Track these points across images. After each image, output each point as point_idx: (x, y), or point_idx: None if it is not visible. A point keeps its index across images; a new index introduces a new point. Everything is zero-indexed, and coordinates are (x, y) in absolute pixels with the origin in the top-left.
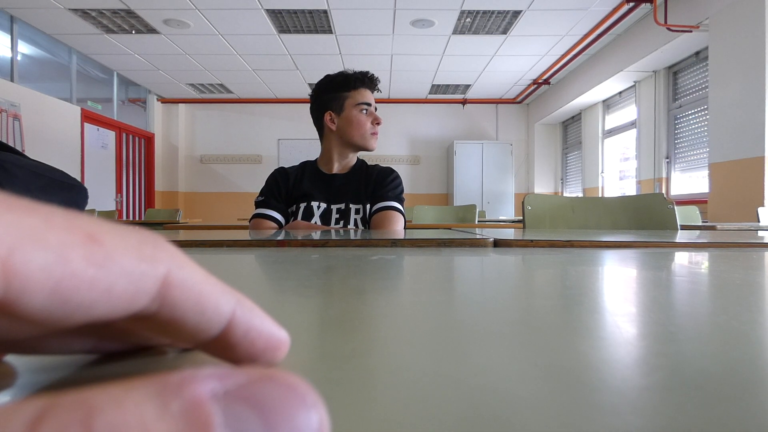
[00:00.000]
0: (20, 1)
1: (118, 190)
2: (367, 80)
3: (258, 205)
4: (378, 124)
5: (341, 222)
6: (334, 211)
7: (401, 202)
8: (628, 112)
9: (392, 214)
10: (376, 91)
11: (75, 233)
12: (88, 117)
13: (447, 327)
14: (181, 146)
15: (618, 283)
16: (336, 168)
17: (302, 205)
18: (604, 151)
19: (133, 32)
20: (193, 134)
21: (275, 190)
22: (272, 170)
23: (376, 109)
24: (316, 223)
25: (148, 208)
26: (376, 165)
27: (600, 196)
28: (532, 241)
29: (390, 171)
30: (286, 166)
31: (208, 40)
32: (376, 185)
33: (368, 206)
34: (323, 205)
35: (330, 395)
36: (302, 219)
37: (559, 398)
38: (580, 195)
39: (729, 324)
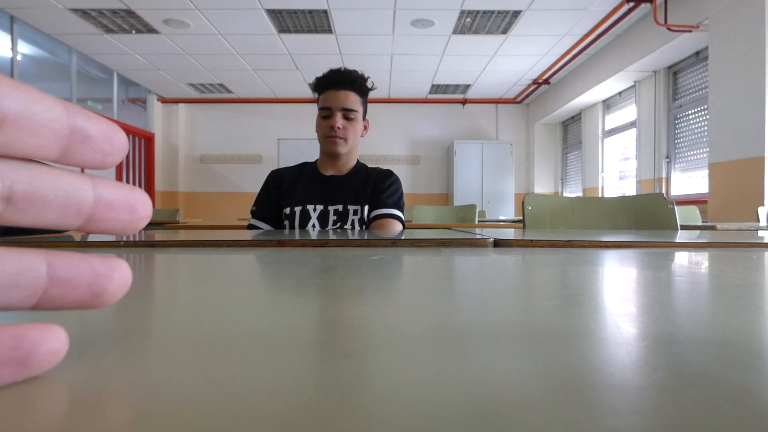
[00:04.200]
0: (20, 1)
1: None
2: (332, 82)
3: (252, 215)
4: (332, 128)
5: (338, 223)
6: (331, 213)
7: (401, 208)
8: (628, 112)
9: (392, 222)
10: (348, 90)
11: None
12: None
13: (447, 327)
14: (181, 146)
15: (618, 283)
16: (331, 170)
17: (297, 210)
18: (604, 151)
19: (133, 32)
20: (193, 134)
21: (265, 199)
22: (271, 170)
23: (347, 110)
24: (313, 225)
25: None
26: (376, 167)
27: (600, 196)
28: (532, 241)
29: (389, 174)
30: (282, 167)
31: (208, 40)
32: (374, 188)
33: (366, 208)
34: (320, 207)
35: (330, 395)
36: (299, 222)
37: (560, 398)
38: (580, 195)
39: (729, 324)
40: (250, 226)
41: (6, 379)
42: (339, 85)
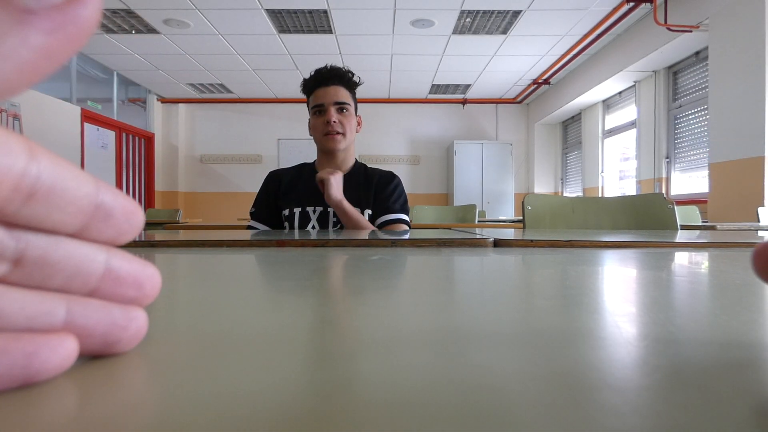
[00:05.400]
0: None
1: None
2: (320, 79)
3: (251, 216)
4: (328, 122)
5: (338, 224)
6: (331, 214)
7: (407, 212)
8: (628, 112)
9: (401, 227)
10: (337, 85)
11: None
12: (88, 117)
13: (447, 327)
14: (181, 146)
15: (618, 283)
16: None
17: (297, 211)
18: (604, 151)
19: (133, 32)
20: (193, 134)
21: (264, 200)
22: (271, 170)
23: (340, 104)
24: (313, 226)
25: (148, 208)
26: (376, 169)
27: (600, 196)
28: (532, 241)
29: (392, 177)
30: (281, 168)
31: (208, 40)
32: (378, 192)
33: (369, 211)
34: (319, 209)
35: (330, 395)
36: (299, 224)
37: (559, 398)
38: (580, 195)
39: (729, 324)
40: (250, 228)
41: (7, 388)
42: (328, 82)
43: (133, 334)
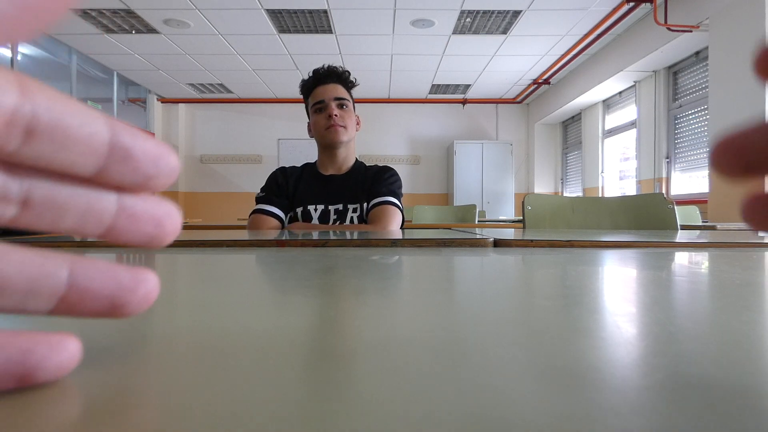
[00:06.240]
0: None
1: None
2: (319, 78)
3: (259, 200)
4: (330, 116)
5: (338, 222)
6: (332, 212)
7: (398, 197)
8: (628, 112)
9: (389, 208)
10: (335, 83)
11: None
12: None
13: (447, 327)
14: (181, 146)
15: (618, 283)
16: (330, 169)
17: (299, 210)
18: (604, 151)
19: (133, 32)
20: (193, 134)
21: (275, 188)
22: (272, 170)
23: (340, 99)
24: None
25: None
26: (374, 165)
27: (600, 196)
28: (532, 241)
29: (387, 168)
30: (286, 166)
31: (208, 40)
32: (373, 182)
33: (365, 204)
34: (320, 207)
35: (330, 395)
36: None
37: (559, 398)
38: (580, 195)
39: (729, 324)
40: (258, 212)
41: (6, 387)
42: (327, 80)
43: (143, 296)
